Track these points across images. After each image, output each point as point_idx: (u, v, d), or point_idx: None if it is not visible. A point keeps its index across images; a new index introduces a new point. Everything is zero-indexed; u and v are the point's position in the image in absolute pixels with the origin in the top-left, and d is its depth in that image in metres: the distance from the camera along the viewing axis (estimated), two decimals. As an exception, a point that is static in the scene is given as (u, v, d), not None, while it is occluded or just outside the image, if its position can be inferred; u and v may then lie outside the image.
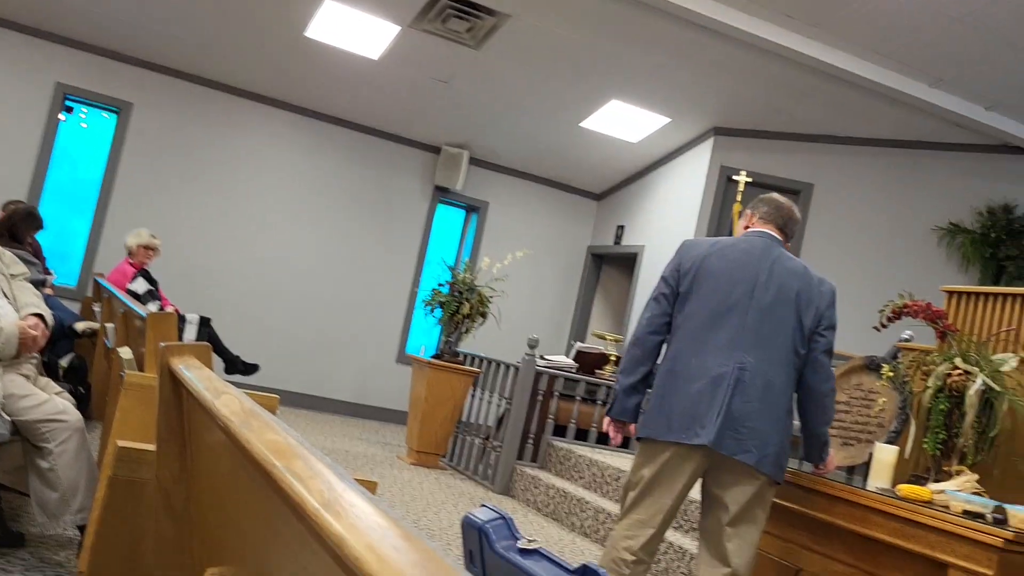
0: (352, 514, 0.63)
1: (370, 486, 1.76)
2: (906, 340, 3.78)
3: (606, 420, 3.03)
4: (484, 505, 1.74)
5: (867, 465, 3.18)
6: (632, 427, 2.98)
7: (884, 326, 3.40)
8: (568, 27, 6.67)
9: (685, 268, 2.89)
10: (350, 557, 0.57)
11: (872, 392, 3.47)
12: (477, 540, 1.61)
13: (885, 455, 3.01)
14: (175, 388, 1.56)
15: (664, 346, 2.95)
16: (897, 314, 3.32)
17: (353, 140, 8.74)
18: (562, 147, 8.84)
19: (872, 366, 3.51)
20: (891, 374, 3.29)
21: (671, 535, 4.42)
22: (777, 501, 2.98)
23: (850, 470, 3.44)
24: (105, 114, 7.97)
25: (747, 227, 3.06)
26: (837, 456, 3.46)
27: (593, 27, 6.62)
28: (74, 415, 2.92)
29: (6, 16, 7.40)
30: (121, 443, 1.80)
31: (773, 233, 2.98)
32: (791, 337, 2.81)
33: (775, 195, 3.12)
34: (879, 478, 2.97)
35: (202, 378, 1.31)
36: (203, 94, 8.14)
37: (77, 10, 7.21)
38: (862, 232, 7.89)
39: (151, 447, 1.68)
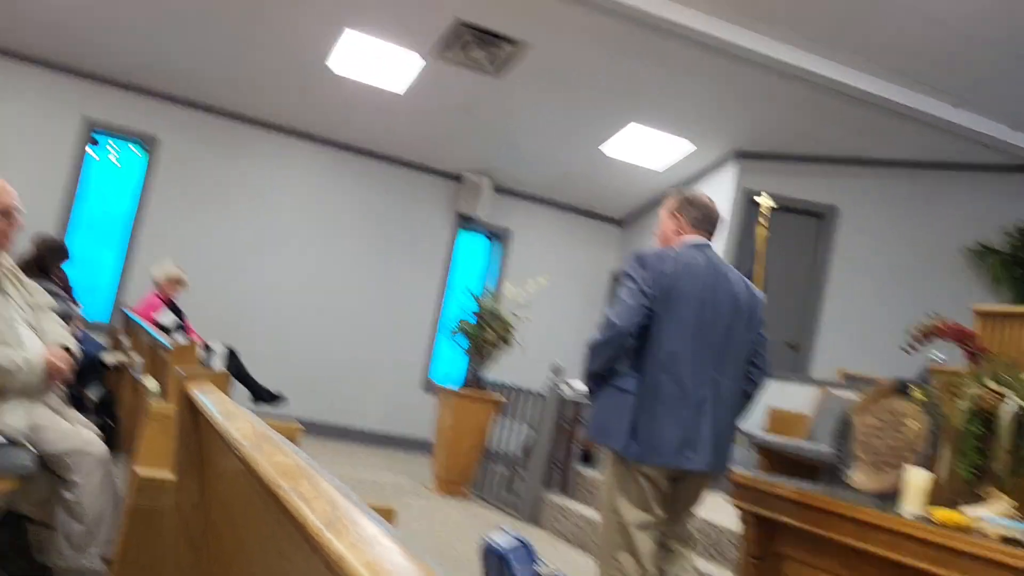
0: (354, 533, 0.61)
1: (386, 513, 1.74)
2: (937, 362, 3.72)
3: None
4: (501, 528, 1.72)
5: (900, 491, 3.11)
6: None
7: (913, 348, 3.35)
8: (587, 53, 6.70)
9: (660, 286, 2.88)
10: (350, 575, 0.55)
11: (903, 416, 3.40)
12: (497, 566, 1.59)
13: (918, 480, 2.94)
14: (193, 415, 1.56)
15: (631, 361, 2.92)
16: (925, 335, 3.27)
17: (375, 169, 8.80)
18: (584, 173, 8.85)
19: (902, 389, 3.45)
20: (922, 397, 3.22)
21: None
22: (806, 528, 2.93)
23: (882, 496, 3.37)
24: (133, 148, 8.09)
25: (679, 232, 3.08)
26: (871, 481, 3.39)
27: (612, 52, 6.64)
28: (99, 446, 2.92)
29: (34, 53, 7.56)
30: (141, 471, 1.80)
31: (707, 240, 3.08)
32: (745, 350, 3.01)
33: (698, 193, 3.18)
34: (912, 504, 2.90)
35: (217, 403, 1.30)
36: (228, 126, 8.25)
37: (103, 45, 7.35)
38: (889, 254, 7.81)
39: (171, 476, 1.67)
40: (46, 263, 5.39)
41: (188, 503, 1.55)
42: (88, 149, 7.90)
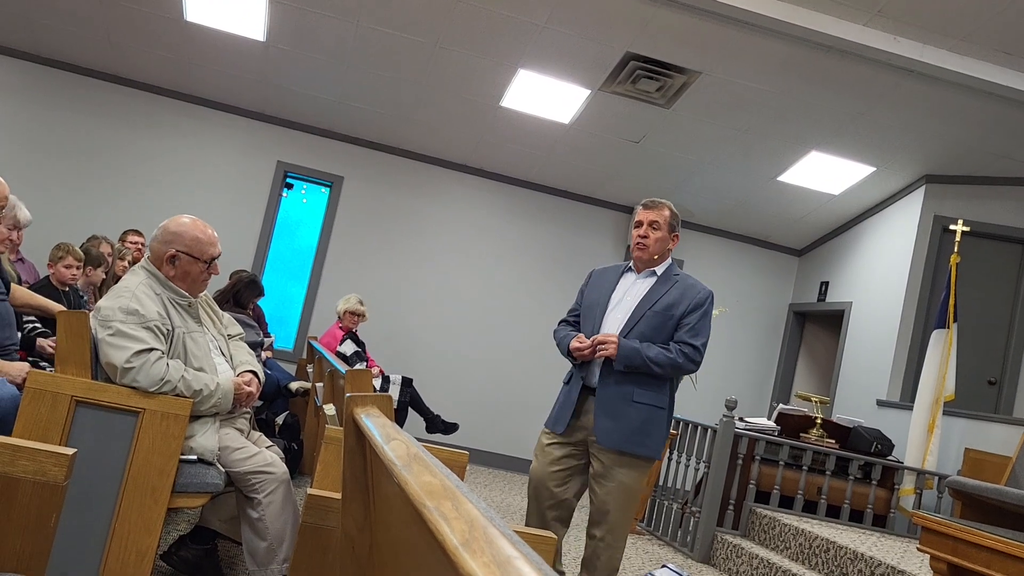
0: (489, 553, 0.61)
1: (549, 542, 1.73)
2: None
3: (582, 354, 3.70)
4: (665, 566, 1.66)
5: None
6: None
7: None
8: (760, 80, 6.52)
9: None
10: (482, 595, 0.55)
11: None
12: (656, 602, 1.53)
13: None
14: (359, 438, 1.61)
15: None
16: None
17: (546, 203, 8.91)
18: (759, 202, 8.60)
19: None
20: None
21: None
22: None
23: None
24: (323, 189, 8.60)
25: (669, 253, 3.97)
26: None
27: (786, 78, 6.44)
28: (280, 467, 3.07)
29: (233, 103, 8.21)
30: (311, 491, 1.87)
31: None
32: None
33: None
34: None
35: (378, 425, 1.34)
36: (405, 164, 8.61)
37: (294, 94, 7.88)
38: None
39: (338, 495, 1.73)
40: (242, 297, 5.79)
41: (353, 524, 1.59)
42: (282, 191, 8.46)
